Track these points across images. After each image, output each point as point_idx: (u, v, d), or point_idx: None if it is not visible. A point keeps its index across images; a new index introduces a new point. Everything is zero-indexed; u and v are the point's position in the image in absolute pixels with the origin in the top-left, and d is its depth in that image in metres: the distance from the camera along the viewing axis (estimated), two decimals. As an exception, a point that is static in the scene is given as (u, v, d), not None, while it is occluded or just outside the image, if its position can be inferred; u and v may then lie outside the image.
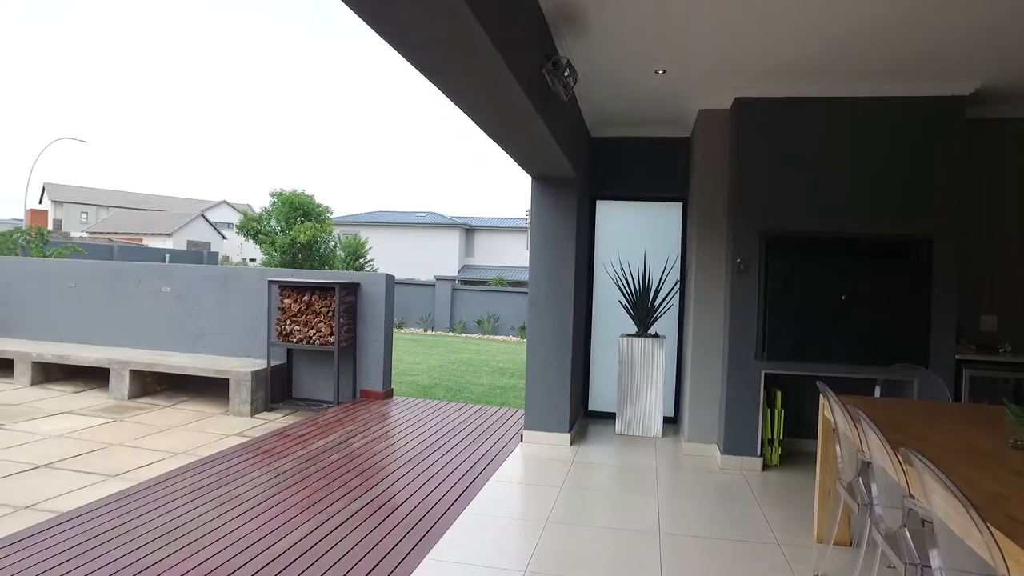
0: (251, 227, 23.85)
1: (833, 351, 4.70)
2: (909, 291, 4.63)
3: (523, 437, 5.50)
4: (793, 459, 5.16)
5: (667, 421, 6.10)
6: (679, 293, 6.22)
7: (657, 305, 5.98)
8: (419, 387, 8.82)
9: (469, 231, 35.77)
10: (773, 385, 5.06)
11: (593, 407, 6.49)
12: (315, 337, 6.76)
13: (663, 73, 4.64)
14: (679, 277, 6.22)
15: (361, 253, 24.35)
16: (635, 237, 6.34)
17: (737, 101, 4.95)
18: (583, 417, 6.37)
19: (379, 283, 7.19)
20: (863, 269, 4.69)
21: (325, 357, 7.01)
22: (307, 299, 6.82)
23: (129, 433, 5.64)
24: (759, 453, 4.92)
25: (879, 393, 3.92)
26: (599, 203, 6.45)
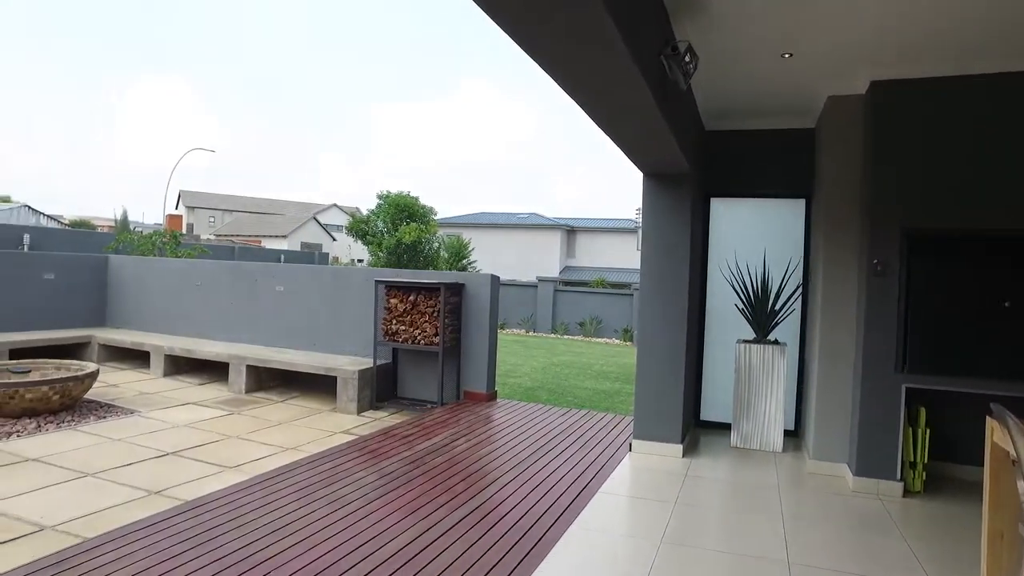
0: (359, 228, 24.83)
1: (993, 365, 4.12)
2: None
3: (632, 446, 5.24)
4: (940, 486, 4.58)
5: (787, 435, 5.63)
6: (802, 297, 5.73)
7: (778, 310, 5.53)
8: (521, 389, 8.73)
9: (570, 232, 35.53)
10: (915, 401, 4.51)
11: (705, 417, 6.12)
12: (420, 337, 6.80)
13: (789, 57, 4.26)
14: (802, 279, 5.73)
15: (464, 254, 24.71)
16: (753, 236, 5.90)
17: (874, 85, 4.47)
18: (695, 427, 6.01)
19: (484, 284, 7.13)
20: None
21: (430, 357, 7.04)
22: (413, 299, 6.87)
23: (245, 426, 5.89)
24: (899, 477, 4.40)
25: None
26: (713, 200, 6.07)
